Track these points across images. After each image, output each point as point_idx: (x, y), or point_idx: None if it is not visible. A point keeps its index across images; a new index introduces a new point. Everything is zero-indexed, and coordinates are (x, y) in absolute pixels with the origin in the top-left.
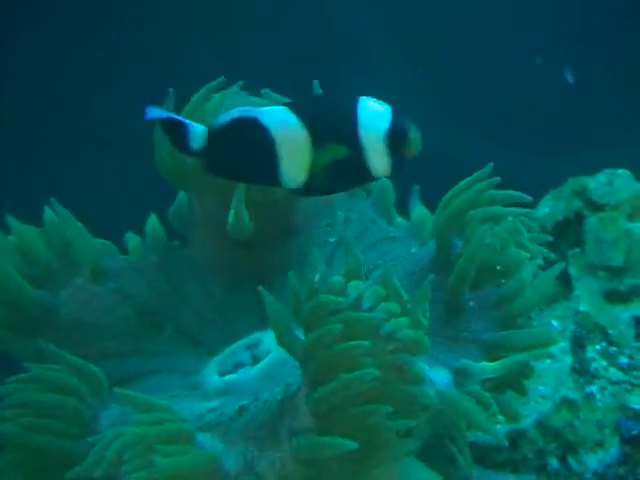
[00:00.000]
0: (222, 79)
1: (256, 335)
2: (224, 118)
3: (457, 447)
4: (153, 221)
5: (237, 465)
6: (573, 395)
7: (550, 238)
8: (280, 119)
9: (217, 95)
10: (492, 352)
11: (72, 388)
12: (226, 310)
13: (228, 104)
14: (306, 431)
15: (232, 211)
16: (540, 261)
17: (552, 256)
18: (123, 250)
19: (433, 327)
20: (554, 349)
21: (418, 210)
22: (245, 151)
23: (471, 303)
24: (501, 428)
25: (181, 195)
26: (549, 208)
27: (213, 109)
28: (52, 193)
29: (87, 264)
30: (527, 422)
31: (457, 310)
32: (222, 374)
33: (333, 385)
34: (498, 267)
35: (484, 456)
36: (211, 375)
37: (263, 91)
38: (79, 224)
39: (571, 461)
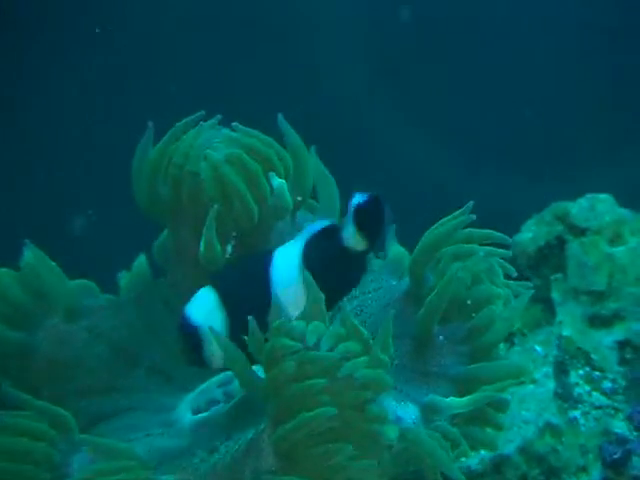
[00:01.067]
0: (201, 114)
1: (229, 372)
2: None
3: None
4: (141, 259)
5: None
6: (556, 420)
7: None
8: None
9: (194, 130)
10: (462, 386)
11: (41, 433)
12: None
13: (204, 137)
14: (269, 472)
15: (203, 240)
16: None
17: (530, 292)
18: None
19: (402, 361)
20: (537, 374)
21: (395, 249)
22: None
23: (440, 337)
24: (485, 454)
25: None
26: (531, 233)
27: (187, 145)
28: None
29: (62, 304)
30: (510, 447)
31: (426, 344)
32: (195, 412)
33: (293, 424)
34: (469, 302)
35: None
36: (184, 413)
37: (233, 124)
38: (54, 265)
39: None
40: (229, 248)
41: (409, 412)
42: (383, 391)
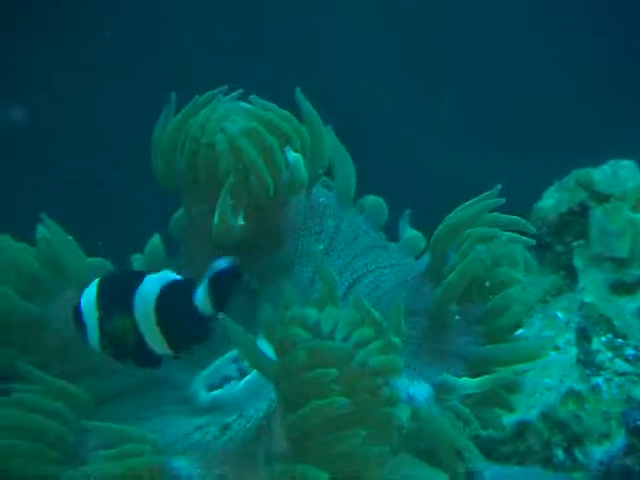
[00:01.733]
0: (222, 88)
1: None
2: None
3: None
4: (155, 239)
5: None
6: (579, 387)
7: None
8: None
9: (212, 103)
10: (476, 367)
11: (56, 411)
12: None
13: (222, 110)
14: (281, 456)
15: (217, 212)
16: None
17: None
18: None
19: (417, 339)
20: (559, 341)
21: (409, 232)
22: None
23: (457, 317)
24: (506, 419)
25: None
26: (553, 199)
27: (205, 118)
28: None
29: (76, 278)
30: (533, 414)
31: (442, 323)
32: (209, 389)
33: (304, 412)
34: (487, 283)
35: (489, 449)
36: (199, 390)
37: (251, 97)
38: (70, 238)
39: (577, 452)
40: (240, 219)
41: (422, 391)
42: (395, 375)
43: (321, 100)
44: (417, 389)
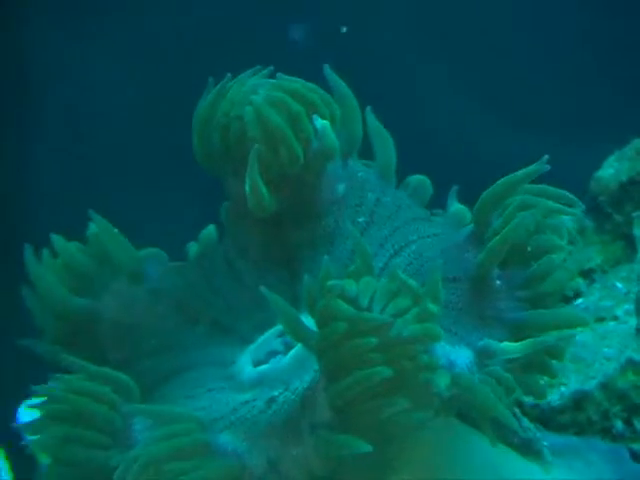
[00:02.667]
0: (257, 68)
1: None
2: None
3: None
4: (209, 229)
5: (260, 465)
6: (639, 357)
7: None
8: None
9: (240, 79)
10: (518, 332)
11: (103, 397)
12: (258, 297)
13: (250, 84)
14: (325, 425)
15: (247, 183)
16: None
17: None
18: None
19: (459, 304)
20: (618, 311)
21: (456, 206)
22: None
23: (498, 282)
24: (565, 390)
25: None
26: (613, 169)
27: (234, 93)
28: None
29: (125, 269)
30: (592, 384)
31: (484, 288)
32: (256, 364)
33: (346, 382)
34: (529, 249)
35: (548, 418)
36: (245, 366)
37: (278, 74)
38: (116, 232)
39: (636, 423)
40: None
41: (463, 356)
42: (432, 342)
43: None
44: (458, 354)
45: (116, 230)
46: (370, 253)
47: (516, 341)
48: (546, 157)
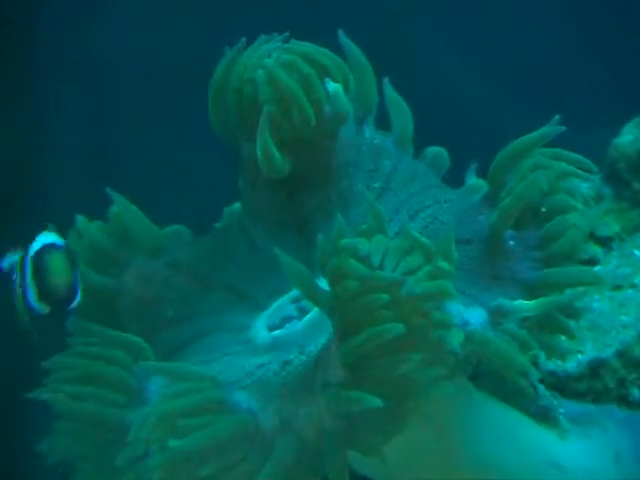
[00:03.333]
0: (271, 36)
1: None
2: None
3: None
4: (236, 204)
5: (273, 423)
6: None
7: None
8: None
9: (254, 45)
10: (532, 291)
11: (115, 358)
12: (271, 263)
13: (263, 49)
14: (338, 383)
15: (258, 145)
16: None
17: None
18: None
19: (472, 265)
20: (636, 279)
21: (472, 180)
22: None
23: (511, 242)
24: (582, 357)
25: None
26: (632, 135)
27: (247, 56)
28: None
29: (145, 245)
30: (609, 352)
31: (497, 248)
32: (271, 329)
33: (359, 338)
34: (543, 209)
35: (564, 386)
36: (260, 330)
37: (291, 40)
38: (136, 209)
39: None
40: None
41: (476, 316)
42: (445, 300)
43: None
44: (472, 314)
45: (134, 207)
46: (383, 213)
47: (529, 300)
48: (557, 116)
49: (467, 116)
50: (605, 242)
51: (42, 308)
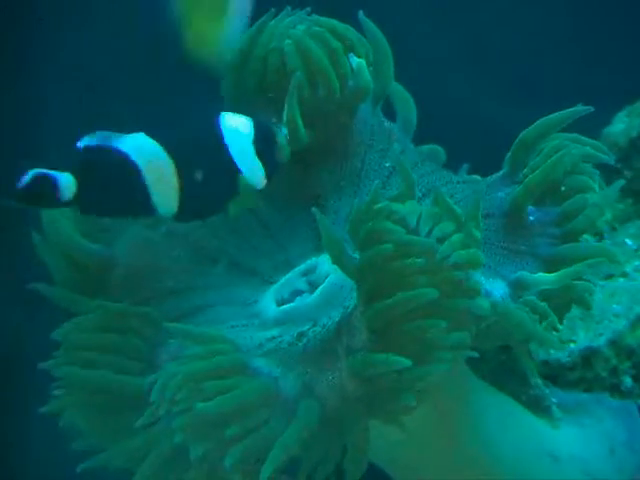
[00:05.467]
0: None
1: (311, 261)
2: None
3: (520, 360)
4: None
5: (295, 388)
6: None
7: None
8: (139, 147)
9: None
10: (551, 266)
11: (126, 327)
12: (280, 237)
13: (288, 20)
14: (362, 347)
15: (285, 109)
16: None
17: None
18: None
19: (492, 239)
20: (628, 268)
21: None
22: (114, 185)
23: (531, 218)
24: (574, 347)
25: None
26: (623, 124)
27: (273, 26)
28: None
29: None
30: (601, 341)
31: (517, 223)
32: (280, 303)
33: (388, 302)
34: (563, 188)
35: (557, 375)
36: (269, 305)
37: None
38: None
39: None
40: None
41: (497, 288)
42: (477, 268)
43: None
44: (493, 286)
45: None
46: (414, 179)
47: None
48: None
49: (456, 112)
50: (598, 232)
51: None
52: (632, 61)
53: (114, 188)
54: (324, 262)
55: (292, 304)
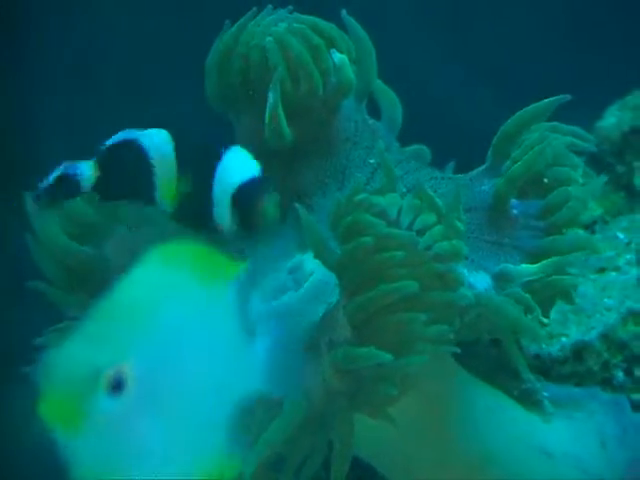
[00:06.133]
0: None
1: (297, 258)
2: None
3: (509, 353)
4: None
5: None
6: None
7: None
8: (159, 143)
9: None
10: (535, 259)
11: None
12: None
13: (270, 18)
14: (344, 342)
15: (268, 106)
16: None
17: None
18: None
19: (475, 233)
20: (620, 261)
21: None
22: (128, 174)
23: (514, 211)
24: (566, 340)
25: None
26: (615, 118)
27: (254, 24)
28: None
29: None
30: (592, 334)
31: (500, 216)
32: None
33: (370, 295)
34: (546, 180)
35: (548, 369)
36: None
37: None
38: None
39: (637, 373)
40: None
41: (481, 281)
42: (459, 261)
43: None
44: (476, 279)
45: None
46: (395, 173)
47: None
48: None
49: (442, 111)
50: (588, 225)
51: None
52: (624, 55)
53: (128, 175)
54: (309, 259)
55: (277, 302)
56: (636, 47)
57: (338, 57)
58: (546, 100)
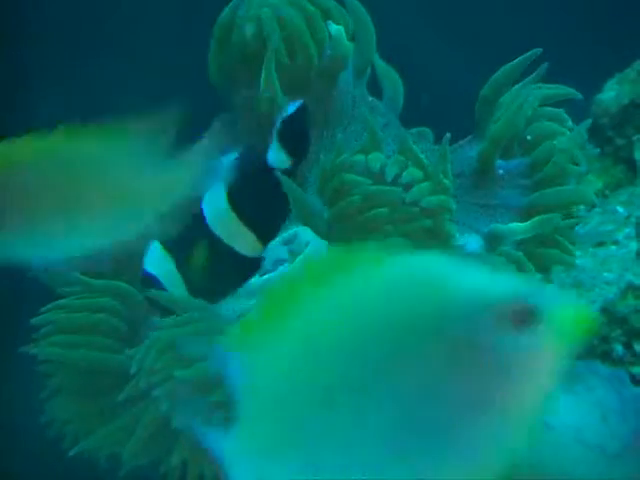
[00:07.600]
0: None
1: (292, 230)
2: None
3: None
4: None
5: None
6: (639, 281)
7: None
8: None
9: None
10: (525, 216)
11: (105, 306)
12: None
13: None
14: None
15: (262, 74)
16: None
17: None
18: None
19: (463, 197)
20: (619, 235)
21: None
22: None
23: (500, 171)
24: None
25: None
26: (614, 91)
27: None
28: None
29: None
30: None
31: (487, 177)
32: (262, 273)
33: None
34: (529, 137)
35: None
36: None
37: None
38: None
39: (636, 347)
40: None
41: (472, 242)
42: (447, 214)
43: None
44: (467, 241)
45: None
46: (380, 133)
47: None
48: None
49: (443, 92)
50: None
51: None
52: (623, 28)
53: None
54: (304, 231)
55: (272, 273)
56: (636, 19)
57: (334, 28)
58: (519, 58)
